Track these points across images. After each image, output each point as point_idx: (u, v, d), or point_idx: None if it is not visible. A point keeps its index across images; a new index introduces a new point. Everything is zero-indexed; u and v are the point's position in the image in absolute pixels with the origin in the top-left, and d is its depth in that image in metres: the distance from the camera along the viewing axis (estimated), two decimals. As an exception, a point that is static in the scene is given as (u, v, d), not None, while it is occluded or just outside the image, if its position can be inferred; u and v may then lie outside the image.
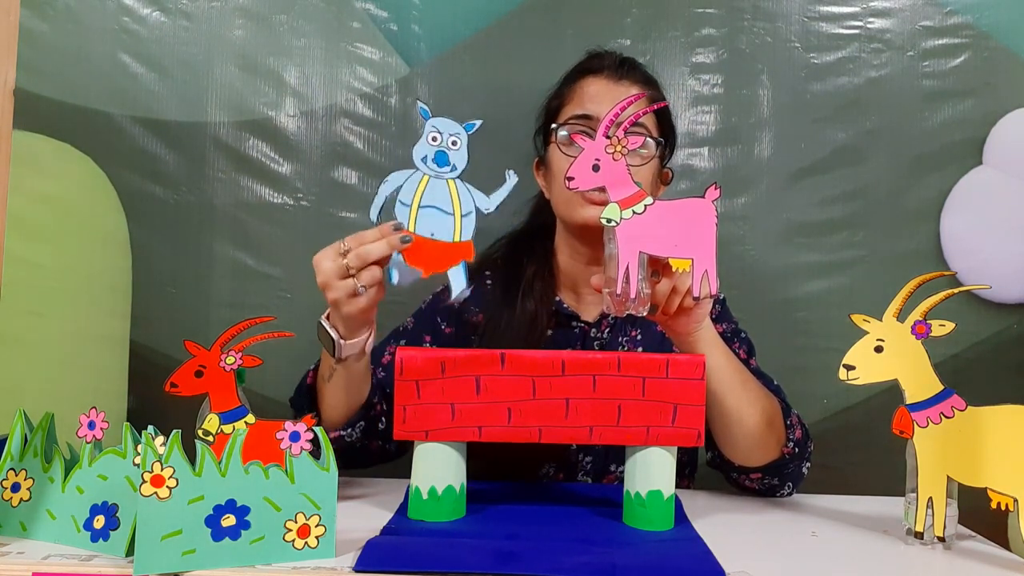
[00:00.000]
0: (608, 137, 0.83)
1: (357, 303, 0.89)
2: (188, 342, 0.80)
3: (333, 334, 0.92)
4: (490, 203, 0.86)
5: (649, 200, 0.83)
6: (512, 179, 0.86)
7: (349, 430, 1.03)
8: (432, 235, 0.84)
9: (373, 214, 0.85)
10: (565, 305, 1.17)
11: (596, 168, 0.83)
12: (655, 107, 1.07)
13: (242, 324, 0.82)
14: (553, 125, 1.14)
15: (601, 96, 1.12)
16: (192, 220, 1.43)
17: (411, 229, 0.84)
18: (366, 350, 0.97)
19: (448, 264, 0.85)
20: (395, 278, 0.86)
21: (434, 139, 0.84)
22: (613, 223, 0.83)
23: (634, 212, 0.83)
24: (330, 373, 0.98)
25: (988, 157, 1.43)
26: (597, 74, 1.14)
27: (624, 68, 1.15)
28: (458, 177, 0.85)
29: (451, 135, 0.84)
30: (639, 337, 1.16)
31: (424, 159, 0.84)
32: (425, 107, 0.84)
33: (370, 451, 1.07)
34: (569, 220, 1.13)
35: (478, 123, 0.85)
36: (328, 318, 0.93)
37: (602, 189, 0.84)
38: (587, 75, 1.15)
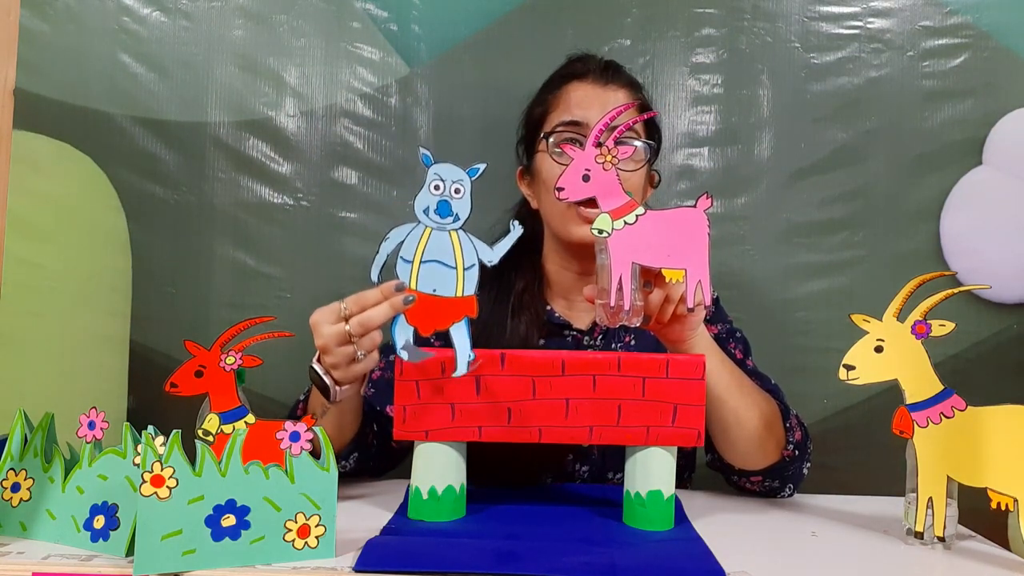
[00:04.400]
0: (598, 146, 0.82)
1: (354, 368, 0.88)
2: (188, 342, 0.80)
3: (327, 380, 0.90)
4: (493, 255, 0.82)
5: (641, 210, 0.83)
6: (517, 230, 0.83)
7: (343, 462, 1.03)
8: (434, 291, 0.81)
9: (374, 274, 0.81)
10: (556, 314, 1.15)
11: (586, 178, 0.82)
12: (645, 116, 1.06)
13: (242, 324, 0.82)
14: (543, 134, 1.12)
15: (589, 101, 1.10)
16: (192, 220, 1.43)
17: (413, 285, 0.81)
18: (360, 392, 0.96)
19: (450, 321, 0.82)
20: (404, 356, 0.82)
21: (436, 188, 0.81)
22: (605, 234, 0.82)
23: (626, 223, 0.82)
24: (323, 411, 0.96)
25: (988, 157, 1.43)
26: (582, 79, 1.13)
27: (609, 72, 1.13)
28: (461, 227, 0.82)
29: (454, 183, 0.81)
30: (633, 343, 1.15)
31: (426, 211, 0.81)
32: (428, 154, 0.82)
33: (359, 472, 1.08)
34: (564, 236, 1.11)
35: (482, 167, 0.82)
36: (320, 360, 0.91)
37: (594, 202, 0.83)
38: (572, 80, 1.13)
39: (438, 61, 1.45)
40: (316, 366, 0.91)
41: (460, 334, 0.82)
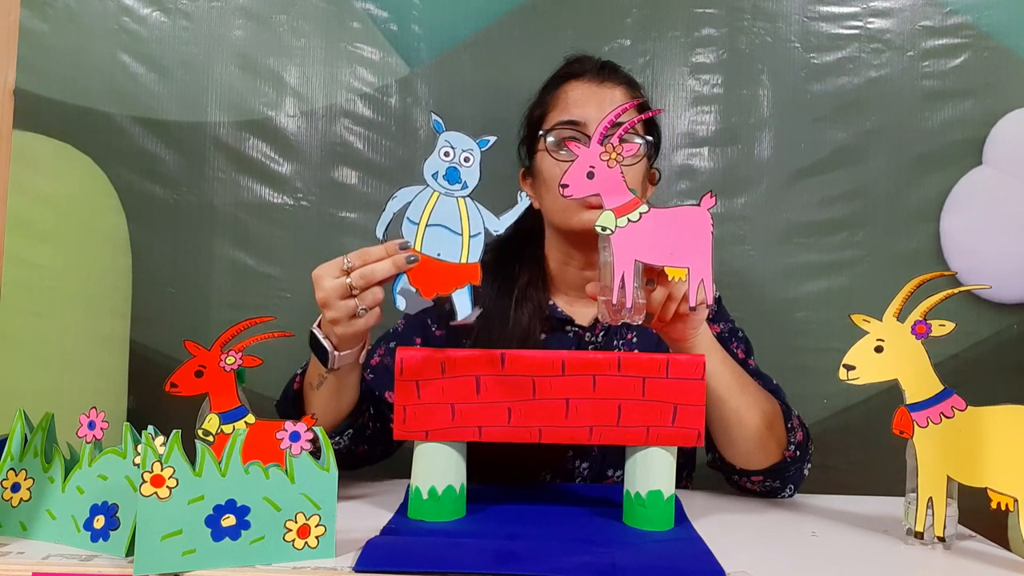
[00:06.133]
0: (603, 144, 0.82)
1: (355, 324, 0.87)
2: (188, 342, 0.80)
3: (327, 344, 0.90)
4: (499, 224, 0.83)
5: (644, 208, 0.82)
6: (524, 201, 0.84)
7: (337, 438, 1.02)
8: (439, 255, 0.82)
9: (379, 230, 0.82)
10: (559, 309, 1.16)
11: (591, 175, 0.82)
12: (649, 115, 1.06)
13: (242, 324, 0.82)
14: (541, 132, 1.12)
15: (585, 100, 1.11)
16: (192, 220, 1.43)
17: (418, 247, 0.82)
18: (359, 360, 0.96)
19: (453, 286, 0.82)
20: (401, 305, 0.83)
21: (446, 154, 0.81)
22: (608, 231, 0.82)
23: (629, 220, 0.82)
24: (320, 381, 0.95)
25: (988, 157, 1.43)
26: (579, 78, 1.13)
27: (606, 71, 1.14)
28: (469, 195, 0.82)
29: (464, 151, 0.82)
30: (634, 340, 1.15)
31: (435, 175, 0.81)
32: (439, 120, 0.82)
33: (355, 455, 1.07)
34: (566, 227, 1.11)
35: (492, 139, 0.83)
36: (320, 326, 0.91)
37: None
38: (569, 80, 1.14)
39: (438, 61, 1.45)
40: (316, 331, 0.91)
41: (462, 299, 0.83)
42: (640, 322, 0.87)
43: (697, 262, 0.83)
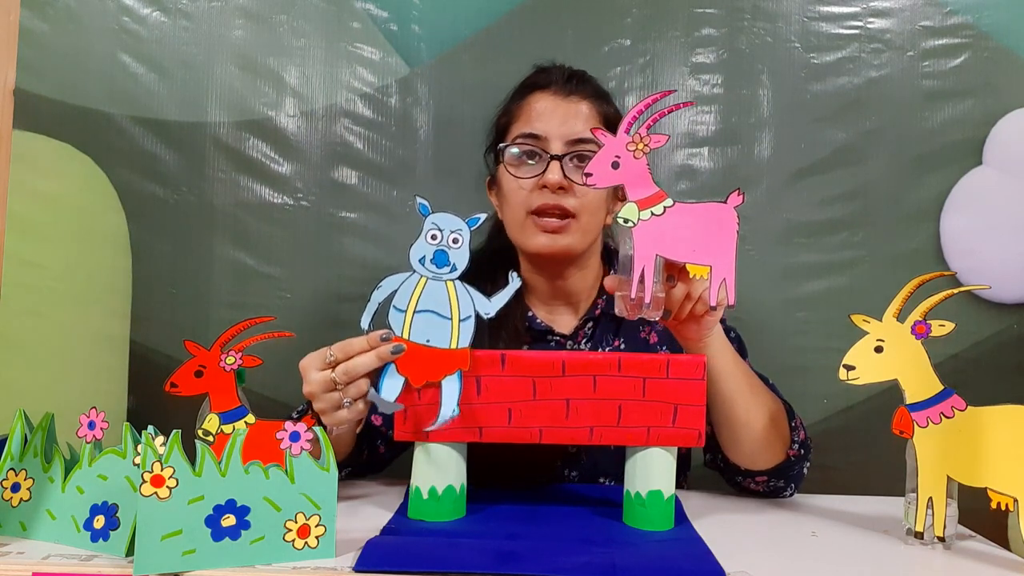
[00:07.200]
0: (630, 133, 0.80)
1: (340, 415, 0.86)
2: (188, 342, 0.80)
3: (323, 418, 0.88)
4: (491, 307, 0.81)
5: (669, 202, 0.81)
6: (515, 282, 0.83)
7: None
8: (427, 341, 0.81)
9: (364, 322, 0.80)
10: (538, 320, 1.14)
11: (616, 166, 0.80)
12: (680, 106, 1.02)
13: (242, 324, 0.82)
14: (500, 145, 1.10)
15: (549, 113, 1.08)
16: (192, 220, 1.43)
17: (406, 335, 0.80)
18: (356, 430, 0.96)
19: (443, 373, 0.81)
20: (379, 407, 0.82)
21: (433, 237, 0.80)
22: (630, 224, 0.80)
23: (653, 213, 0.80)
24: None
25: (988, 157, 1.43)
26: (544, 90, 1.10)
27: (573, 83, 1.11)
28: (458, 278, 0.81)
29: (452, 232, 0.80)
30: (622, 347, 1.14)
31: (422, 260, 0.80)
32: (425, 203, 0.80)
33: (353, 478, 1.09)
34: (522, 247, 1.10)
35: (482, 217, 0.81)
36: None
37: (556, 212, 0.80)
38: (535, 91, 1.11)
39: (438, 61, 1.45)
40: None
41: (450, 387, 0.81)
42: (658, 319, 0.86)
43: (720, 260, 0.82)
